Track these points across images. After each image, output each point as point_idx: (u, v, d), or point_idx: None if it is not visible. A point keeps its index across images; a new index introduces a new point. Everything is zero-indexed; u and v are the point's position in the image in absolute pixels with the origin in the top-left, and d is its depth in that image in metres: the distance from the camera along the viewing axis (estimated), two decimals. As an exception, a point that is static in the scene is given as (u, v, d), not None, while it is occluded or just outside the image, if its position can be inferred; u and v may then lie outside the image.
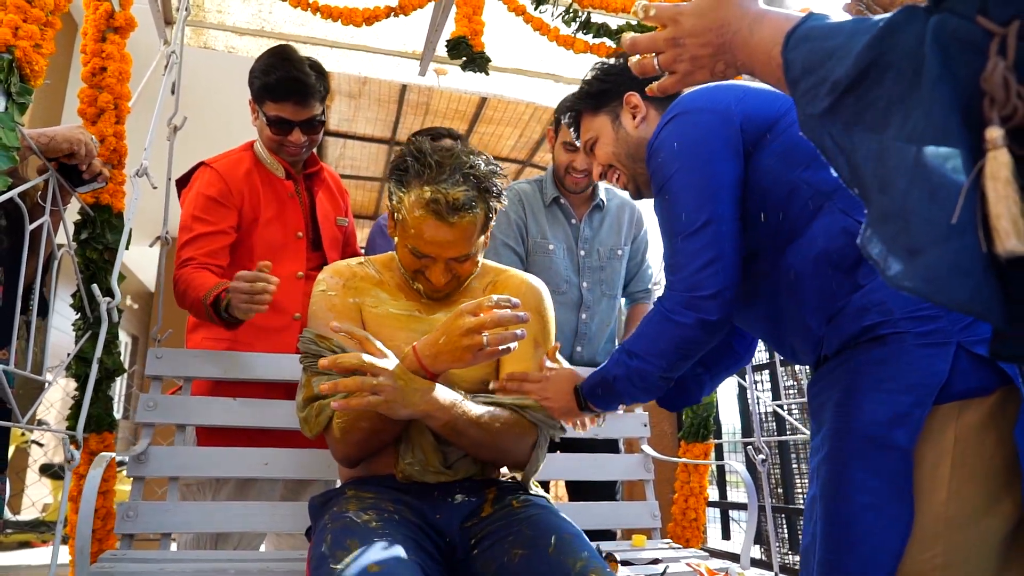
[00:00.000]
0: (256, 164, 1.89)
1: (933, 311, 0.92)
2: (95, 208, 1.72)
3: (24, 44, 1.31)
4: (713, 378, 1.47)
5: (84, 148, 1.52)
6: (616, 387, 1.22)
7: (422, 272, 1.30)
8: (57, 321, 2.02)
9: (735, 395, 4.05)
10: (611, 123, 1.36)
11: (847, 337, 1.00)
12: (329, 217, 1.99)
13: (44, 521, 4.81)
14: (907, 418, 0.90)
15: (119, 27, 1.77)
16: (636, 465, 2.00)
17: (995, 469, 0.87)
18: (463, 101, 4.54)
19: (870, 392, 0.94)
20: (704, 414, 2.39)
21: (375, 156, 5.29)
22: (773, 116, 1.12)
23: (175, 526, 1.56)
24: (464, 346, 1.12)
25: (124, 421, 6.98)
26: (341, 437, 1.24)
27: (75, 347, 1.67)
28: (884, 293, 0.96)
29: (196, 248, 1.75)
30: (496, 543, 1.15)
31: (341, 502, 1.18)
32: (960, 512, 0.87)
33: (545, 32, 2.23)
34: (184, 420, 1.68)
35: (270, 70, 1.78)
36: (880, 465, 0.91)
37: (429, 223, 1.22)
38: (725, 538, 4.20)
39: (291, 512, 1.65)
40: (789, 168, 1.08)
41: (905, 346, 0.93)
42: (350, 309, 1.33)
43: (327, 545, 1.04)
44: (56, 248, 1.59)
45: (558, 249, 2.14)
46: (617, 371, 1.21)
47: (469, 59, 2.05)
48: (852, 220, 1.01)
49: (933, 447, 0.88)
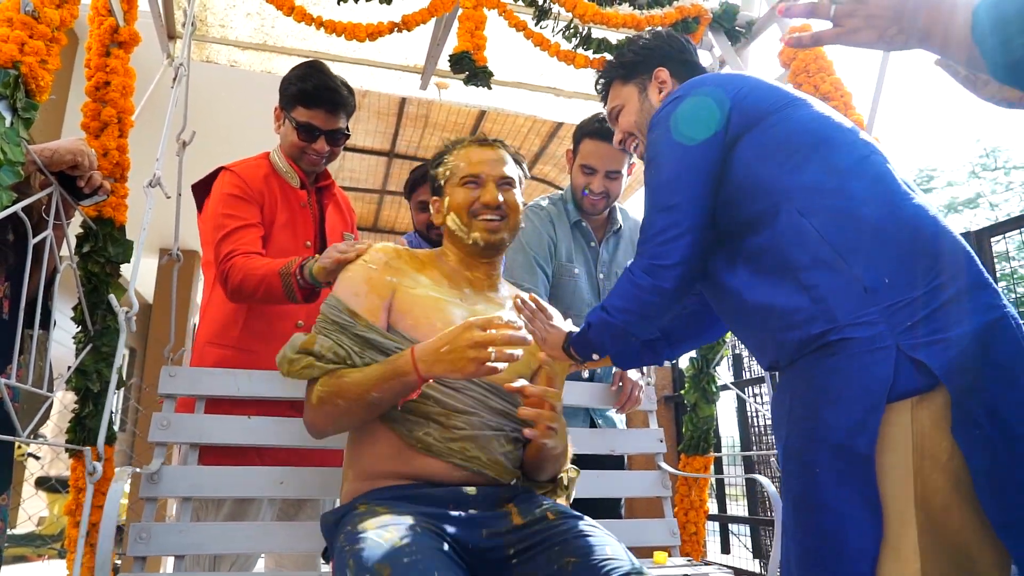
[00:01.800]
0: (272, 171, 1.93)
1: (874, 317, 0.98)
2: (97, 221, 1.72)
3: (30, 60, 1.31)
4: (673, 348, 1.56)
5: (87, 159, 1.53)
6: (589, 335, 1.31)
7: (476, 206, 1.42)
8: (56, 334, 2.02)
9: (734, 408, 4.06)
10: (638, 94, 1.45)
11: (798, 344, 1.05)
12: (336, 230, 2.01)
13: (40, 535, 4.78)
14: (864, 426, 0.94)
15: (123, 42, 1.78)
16: (654, 482, 1.99)
17: (955, 467, 0.90)
18: (462, 114, 4.56)
19: (828, 403, 0.99)
20: (704, 427, 2.38)
21: (374, 168, 5.30)
22: (765, 110, 1.17)
23: (188, 547, 1.53)
24: (470, 358, 1.16)
25: (122, 434, 6.94)
26: (317, 405, 1.28)
27: (76, 360, 1.67)
28: (830, 299, 1.01)
29: (235, 242, 1.76)
30: (541, 552, 1.17)
31: (354, 520, 1.15)
32: (928, 516, 0.89)
33: (546, 48, 2.24)
34: (198, 439, 1.66)
35: (307, 77, 1.86)
36: (847, 473, 0.95)
37: (474, 149, 1.47)
38: (724, 552, 4.18)
39: (306, 532, 1.63)
40: (762, 164, 1.13)
41: (851, 352, 0.98)
42: (384, 287, 1.38)
43: (351, 571, 1.01)
44: (59, 261, 1.59)
45: (581, 273, 2.14)
46: (591, 319, 1.30)
47: (472, 74, 2.06)
48: (807, 223, 1.05)
49: (893, 453, 0.93)
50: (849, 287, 1.01)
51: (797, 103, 1.19)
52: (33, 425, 1.49)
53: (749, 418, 3.99)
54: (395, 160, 5.09)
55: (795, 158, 1.11)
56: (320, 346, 1.29)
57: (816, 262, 1.04)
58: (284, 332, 1.82)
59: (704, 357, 2.34)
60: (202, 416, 1.70)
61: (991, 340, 0.94)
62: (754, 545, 4.00)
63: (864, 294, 0.99)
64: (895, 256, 1.00)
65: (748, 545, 4.09)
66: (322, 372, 1.28)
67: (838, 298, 1.01)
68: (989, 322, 0.95)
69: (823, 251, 1.03)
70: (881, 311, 0.97)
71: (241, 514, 1.74)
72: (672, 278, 1.18)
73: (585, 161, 2.07)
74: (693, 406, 2.32)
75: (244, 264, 1.70)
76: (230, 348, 1.80)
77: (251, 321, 1.83)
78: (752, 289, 1.12)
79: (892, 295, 0.98)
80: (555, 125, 4.47)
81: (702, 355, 2.34)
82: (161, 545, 1.52)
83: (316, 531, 1.63)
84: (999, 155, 16.48)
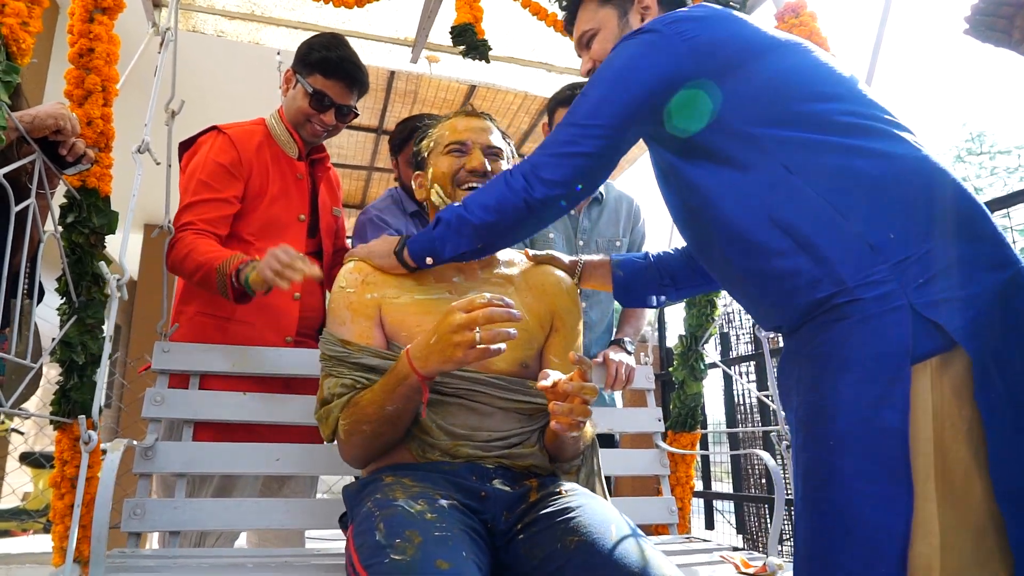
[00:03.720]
0: (268, 139, 1.89)
1: (883, 275, 0.91)
2: (81, 191, 1.69)
3: (11, 21, 1.28)
4: (679, 291, 1.52)
5: (69, 123, 1.50)
6: (435, 231, 1.25)
7: (461, 173, 1.38)
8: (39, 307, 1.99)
9: (720, 386, 4.09)
10: (617, 18, 1.32)
11: (803, 309, 0.98)
12: (327, 205, 1.99)
13: (24, 510, 4.76)
14: (890, 396, 0.87)
15: (107, 8, 1.73)
16: (652, 460, 2.00)
17: (976, 438, 0.85)
18: (451, 90, 4.51)
19: (842, 372, 0.92)
20: (692, 404, 2.40)
21: (362, 145, 5.25)
22: (740, 58, 1.07)
23: (184, 523, 1.53)
24: (455, 343, 1.09)
25: (107, 409, 6.90)
26: (346, 439, 1.25)
27: (60, 332, 1.65)
28: (834, 259, 0.94)
29: (197, 213, 1.73)
30: (547, 529, 1.13)
31: (383, 489, 1.14)
32: (949, 489, 0.84)
33: (543, 17, 2.22)
34: (192, 415, 1.65)
35: (333, 47, 1.86)
36: (872, 448, 0.88)
37: (460, 119, 1.44)
38: (709, 528, 4.24)
39: (301, 508, 1.63)
40: (739, 115, 1.05)
41: (863, 316, 0.91)
42: (368, 306, 1.34)
43: (382, 534, 1.00)
44: (43, 232, 1.56)
45: (557, 238, 2.14)
46: (443, 214, 1.24)
47: (471, 46, 2.04)
48: (796, 179, 0.98)
49: (915, 421, 0.86)
50: (852, 245, 0.94)
51: (779, 48, 1.09)
52: (18, 395, 1.47)
53: (736, 396, 4.03)
54: (383, 137, 5.04)
55: (775, 111, 1.03)
56: (329, 390, 1.28)
57: (813, 221, 0.97)
58: (280, 304, 1.81)
59: (693, 335, 2.34)
60: (196, 392, 1.69)
61: (1008, 298, 0.88)
62: (738, 521, 4.06)
63: (870, 252, 0.92)
64: (899, 209, 0.94)
65: (732, 521, 4.14)
66: (340, 408, 1.26)
67: (842, 258, 0.94)
68: (1006, 279, 0.89)
69: (820, 209, 0.96)
70: (890, 268, 0.91)
71: (228, 491, 1.74)
72: (543, 190, 1.12)
73: None
74: (681, 383, 2.34)
75: (192, 242, 1.67)
76: (224, 319, 1.78)
77: None
78: (744, 252, 1.05)
79: (900, 251, 0.91)
80: (546, 101, 4.44)
81: (691, 333, 2.34)
82: (155, 521, 1.51)
83: (308, 507, 1.64)
84: (984, 139, 16.58)
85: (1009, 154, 16.05)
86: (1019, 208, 2.36)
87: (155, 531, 1.53)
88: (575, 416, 1.08)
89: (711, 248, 1.14)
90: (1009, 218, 2.43)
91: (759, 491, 3.92)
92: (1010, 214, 2.40)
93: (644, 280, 1.50)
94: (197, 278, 1.65)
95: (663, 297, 1.51)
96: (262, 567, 1.38)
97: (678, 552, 1.72)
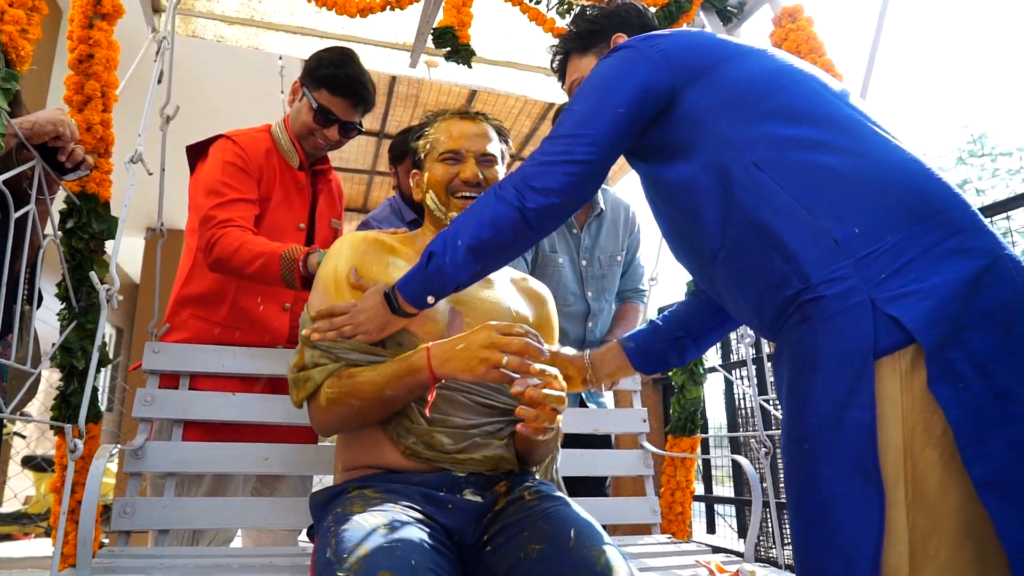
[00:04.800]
0: (274, 147, 1.91)
1: (846, 271, 0.90)
2: (81, 197, 1.70)
3: (10, 29, 1.29)
4: (697, 342, 1.44)
5: (68, 129, 1.51)
6: (428, 267, 1.17)
7: (455, 182, 1.39)
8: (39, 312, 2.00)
9: (721, 390, 4.09)
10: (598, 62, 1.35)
11: (777, 309, 0.99)
12: (325, 216, 2.00)
13: (26, 513, 4.77)
14: (855, 393, 0.86)
15: (107, 14, 1.74)
16: (636, 461, 2.01)
17: (949, 440, 0.82)
18: (453, 94, 4.53)
19: (811, 372, 0.91)
20: (691, 409, 2.40)
21: (364, 148, 5.27)
22: (706, 63, 1.11)
23: (173, 522, 1.54)
24: (482, 357, 1.10)
25: (108, 413, 6.92)
26: (327, 407, 1.25)
27: (60, 337, 1.65)
28: (800, 256, 0.94)
29: (234, 211, 1.73)
30: (511, 539, 1.13)
31: (345, 503, 1.14)
32: (922, 494, 0.82)
33: (541, 23, 2.22)
34: (182, 415, 1.66)
35: (341, 64, 1.85)
36: (842, 447, 0.87)
37: (455, 122, 1.43)
38: (710, 532, 4.23)
39: (291, 507, 1.64)
40: (710, 119, 1.07)
41: (826, 313, 0.90)
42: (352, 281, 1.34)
43: (332, 550, 0.99)
44: (42, 238, 1.57)
45: (565, 262, 2.13)
46: (432, 247, 1.18)
47: (453, 50, 2.05)
48: (764, 176, 0.98)
49: (881, 425, 0.85)
50: (818, 241, 0.93)
51: (746, 54, 1.12)
52: (17, 401, 1.48)
53: (736, 400, 4.02)
54: (385, 140, 5.06)
55: (744, 110, 1.05)
56: (311, 357, 1.28)
57: (780, 217, 0.96)
58: (271, 314, 1.83)
59: (692, 339, 2.34)
60: (186, 392, 1.70)
61: (980, 287, 0.85)
62: (739, 525, 4.05)
63: (835, 247, 0.92)
64: (865, 203, 0.93)
65: (733, 525, 4.14)
66: (324, 375, 1.26)
67: (808, 254, 0.93)
68: (979, 267, 0.86)
69: (785, 204, 0.96)
70: (854, 264, 0.89)
71: (220, 491, 1.75)
72: (535, 201, 1.09)
73: None
74: (680, 387, 2.34)
75: (241, 237, 1.67)
76: (217, 326, 1.80)
77: (240, 299, 1.82)
78: (722, 254, 1.06)
79: (864, 245, 0.90)
80: (546, 106, 4.45)
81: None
82: (145, 519, 1.52)
83: (300, 506, 1.64)
84: (986, 141, 16.55)
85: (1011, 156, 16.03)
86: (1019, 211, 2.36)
87: (144, 530, 1.54)
88: (541, 422, 1.09)
89: (702, 257, 1.13)
90: (1009, 220, 2.43)
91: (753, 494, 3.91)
92: (1010, 216, 2.40)
93: (656, 342, 1.45)
94: (252, 269, 1.63)
95: (685, 352, 1.45)
96: (247, 568, 1.39)
97: (656, 554, 1.72)
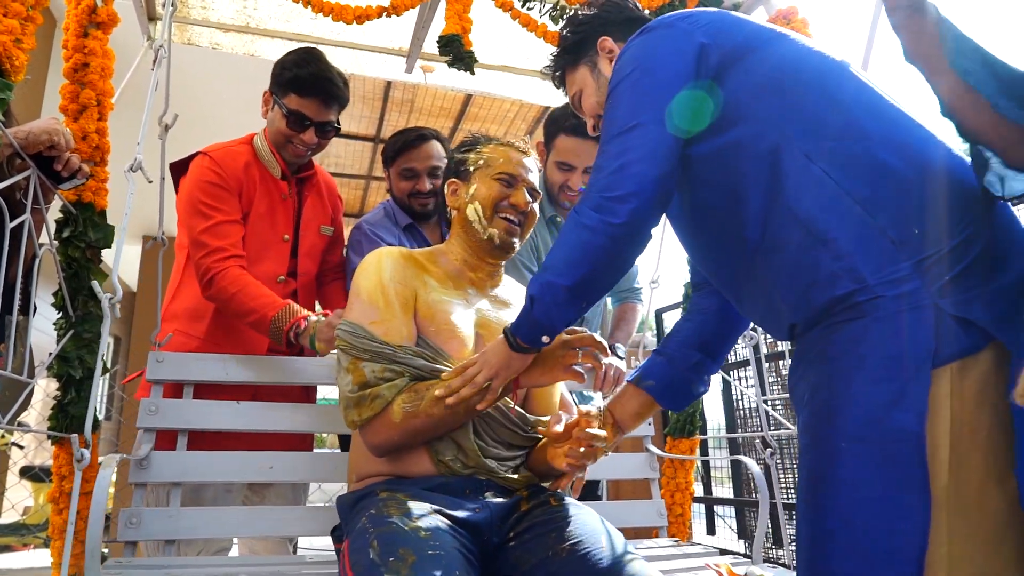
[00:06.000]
0: (255, 159, 1.87)
1: (906, 272, 0.87)
2: (77, 206, 1.69)
3: (4, 39, 1.28)
4: (714, 356, 1.38)
5: (63, 138, 1.50)
6: (534, 311, 1.12)
7: (504, 203, 1.43)
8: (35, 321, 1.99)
9: (719, 391, 4.09)
10: (591, 73, 1.33)
11: (820, 307, 0.94)
12: (312, 225, 1.96)
13: (25, 524, 4.75)
14: (906, 396, 0.83)
15: (102, 23, 1.74)
16: (642, 464, 2.01)
17: (994, 445, 0.82)
18: (448, 98, 4.53)
19: (854, 372, 0.88)
20: (690, 410, 2.40)
21: (360, 154, 5.27)
22: (748, 44, 1.05)
23: (179, 532, 1.53)
24: (559, 355, 1.24)
25: (107, 422, 6.90)
26: (402, 422, 1.23)
27: (57, 347, 1.65)
28: (855, 254, 0.91)
29: (223, 237, 1.72)
30: (538, 537, 1.18)
31: (378, 505, 1.15)
32: (963, 497, 0.81)
33: (533, 28, 2.23)
34: (187, 424, 1.66)
35: (303, 64, 1.80)
36: (883, 451, 0.84)
37: (512, 153, 1.47)
38: (710, 533, 4.23)
39: (296, 516, 1.64)
40: (756, 101, 1.02)
41: (882, 314, 0.87)
42: (406, 297, 1.34)
43: (376, 552, 1.01)
44: (38, 247, 1.56)
45: None
46: (532, 291, 1.11)
47: (456, 57, 2.05)
48: (817, 168, 0.94)
49: (930, 428, 0.82)
50: (875, 241, 0.89)
51: (783, 37, 1.08)
52: (13, 412, 1.47)
53: (734, 401, 4.02)
54: (381, 145, 5.06)
55: (792, 94, 1.00)
56: (373, 373, 1.26)
57: (831, 213, 0.92)
58: (250, 332, 1.78)
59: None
60: (191, 402, 1.69)
61: None
62: (739, 526, 4.05)
63: (893, 248, 0.88)
64: (924, 204, 0.89)
65: (733, 526, 4.13)
66: (395, 391, 1.25)
67: (864, 253, 0.89)
68: None
69: (842, 201, 0.92)
70: (913, 266, 0.87)
71: (200, 500, 1.73)
72: (625, 212, 1.01)
73: (562, 158, 2.01)
74: (679, 389, 2.34)
75: (238, 280, 1.67)
76: (196, 339, 1.80)
77: (218, 317, 1.81)
78: (759, 246, 1.00)
79: (924, 248, 0.87)
80: (542, 109, 4.46)
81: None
82: (150, 530, 1.51)
83: (303, 514, 1.65)
84: (982, 140, 16.59)
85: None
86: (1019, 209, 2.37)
87: (151, 540, 1.53)
88: (584, 460, 1.22)
89: (732, 248, 1.08)
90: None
91: (760, 496, 3.91)
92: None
93: (677, 373, 1.36)
94: (248, 321, 1.68)
95: (707, 374, 1.39)
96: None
97: (665, 556, 1.72)
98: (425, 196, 2.05)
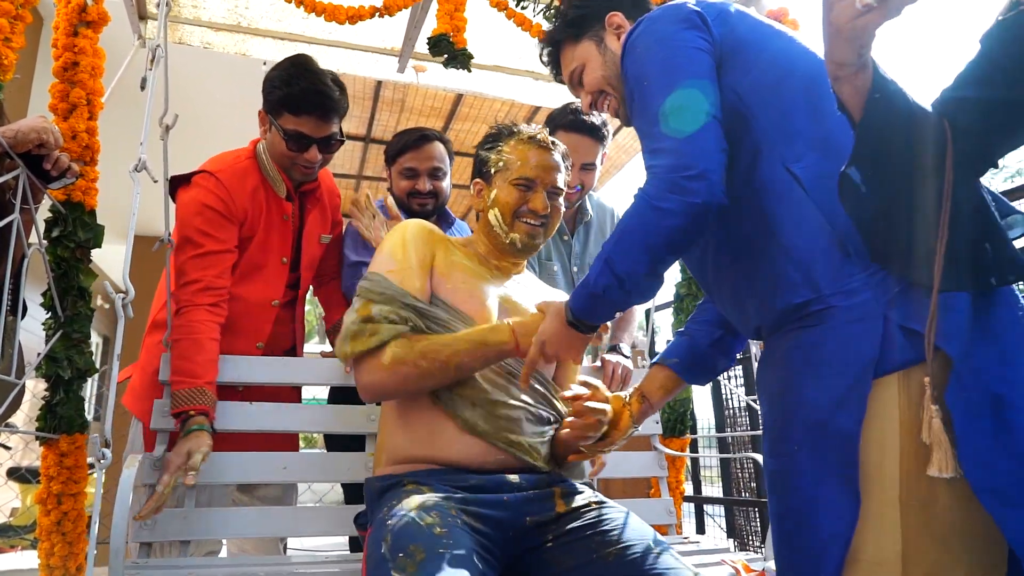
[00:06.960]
0: (262, 180, 1.77)
1: (858, 283, 0.91)
2: (67, 206, 1.68)
3: (-6, 38, 1.28)
4: (737, 336, 1.37)
5: (52, 137, 1.49)
6: (608, 297, 1.09)
7: (523, 208, 1.43)
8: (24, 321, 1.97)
9: (709, 390, 4.11)
10: (596, 47, 1.31)
11: (780, 313, 0.98)
12: (313, 238, 1.91)
13: (12, 526, 4.71)
14: (847, 400, 0.88)
15: (92, 21, 1.73)
16: (650, 462, 2.02)
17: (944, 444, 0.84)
18: (439, 98, 4.53)
19: (808, 377, 0.92)
20: (681, 410, 2.41)
21: (350, 153, 5.25)
22: (749, 37, 1.07)
23: (194, 533, 1.52)
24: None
25: (95, 423, 6.85)
26: (391, 365, 1.26)
27: (46, 347, 1.64)
28: (812, 264, 0.94)
29: (205, 268, 1.64)
30: (580, 540, 1.21)
31: (400, 497, 1.16)
32: (914, 494, 0.84)
33: (527, 28, 2.23)
34: None
35: (292, 80, 1.67)
36: (826, 451, 0.89)
37: (533, 151, 1.44)
38: (700, 532, 4.24)
39: (310, 516, 1.64)
40: (750, 97, 1.03)
41: (835, 323, 0.91)
42: (424, 254, 1.39)
43: (387, 546, 1.02)
44: (27, 247, 1.55)
45: (558, 269, 2.14)
46: (603, 280, 1.08)
47: (451, 56, 2.04)
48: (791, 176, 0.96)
49: (879, 428, 0.87)
50: (831, 251, 0.93)
51: (780, 35, 1.09)
52: (0, 413, 1.46)
53: (724, 400, 4.04)
54: (371, 145, 5.05)
55: (779, 98, 1.01)
56: (379, 311, 1.28)
57: (798, 222, 0.95)
58: (243, 351, 1.75)
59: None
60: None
61: (992, 305, 0.87)
62: (728, 525, 4.07)
63: (846, 259, 0.92)
64: None
65: (722, 525, 4.15)
66: (392, 334, 1.27)
67: (820, 264, 0.93)
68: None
69: (808, 210, 0.95)
70: (866, 278, 0.90)
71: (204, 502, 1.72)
72: (703, 189, 0.96)
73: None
74: (670, 389, 2.35)
75: (194, 328, 1.59)
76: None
77: None
78: (726, 246, 1.04)
79: None
80: (533, 109, 4.46)
81: (679, 339, 2.36)
82: (165, 531, 1.50)
83: (317, 514, 1.66)
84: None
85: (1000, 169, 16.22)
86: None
87: (166, 540, 1.52)
88: (586, 431, 1.31)
89: (704, 251, 1.12)
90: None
91: (749, 494, 3.93)
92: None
93: (699, 350, 1.39)
94: (171, 373, 1.60)
95: (730, 351, 1.40)
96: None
97: (683, 554, 1.73)
98: (424, 196, 2.05)
